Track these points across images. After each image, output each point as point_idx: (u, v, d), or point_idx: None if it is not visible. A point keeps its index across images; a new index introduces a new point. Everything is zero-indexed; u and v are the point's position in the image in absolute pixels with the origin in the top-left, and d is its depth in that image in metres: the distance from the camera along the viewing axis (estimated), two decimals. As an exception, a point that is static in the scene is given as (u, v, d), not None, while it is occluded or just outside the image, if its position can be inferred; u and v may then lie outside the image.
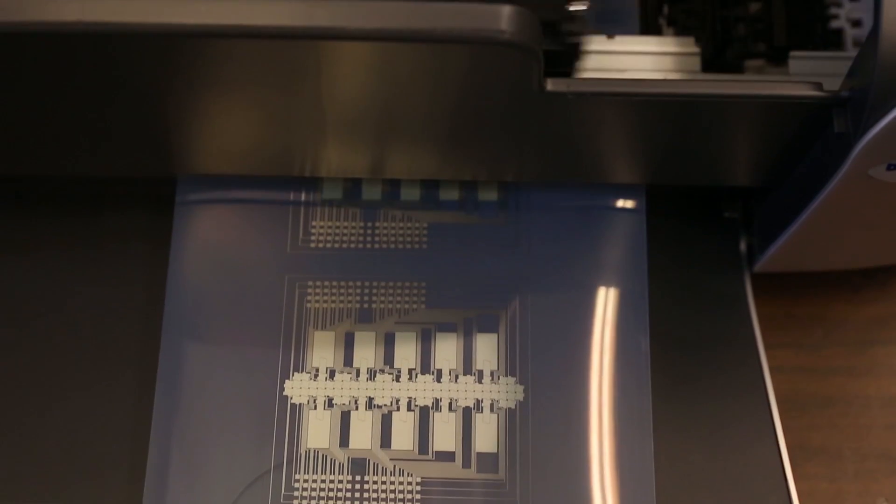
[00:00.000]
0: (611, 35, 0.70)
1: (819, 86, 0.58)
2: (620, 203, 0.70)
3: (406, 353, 0.68)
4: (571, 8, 0.56)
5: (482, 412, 0.67)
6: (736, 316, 0.71)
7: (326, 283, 0.69)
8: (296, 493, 0.66)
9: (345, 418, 0.67)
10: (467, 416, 0.67)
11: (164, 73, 0.58)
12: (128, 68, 0.57)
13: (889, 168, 0.58)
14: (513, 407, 0.67)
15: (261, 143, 0.65)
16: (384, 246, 0.70)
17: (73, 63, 0.57)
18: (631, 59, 0.70)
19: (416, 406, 0.67)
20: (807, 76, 0.68)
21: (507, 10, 0.53)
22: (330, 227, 0.70)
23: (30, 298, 0.70)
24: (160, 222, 0.70)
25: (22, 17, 0.53)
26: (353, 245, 0.70)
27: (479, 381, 0.68)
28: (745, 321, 0.71)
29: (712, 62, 0.71)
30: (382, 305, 0.69)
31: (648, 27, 0.72)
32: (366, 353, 0.68)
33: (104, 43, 0.55)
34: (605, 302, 0.69)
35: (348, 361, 0.68)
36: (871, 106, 0.54)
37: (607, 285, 0.69)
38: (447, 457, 0.67)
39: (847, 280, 0.75)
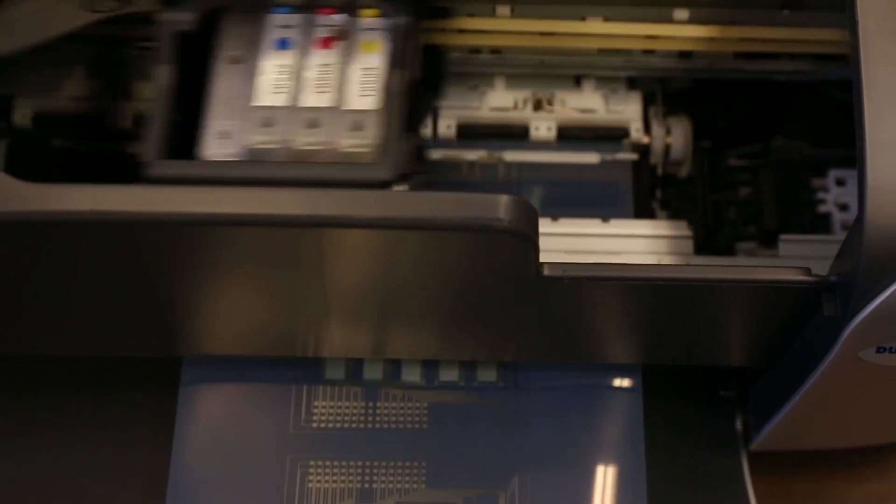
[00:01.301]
0: (605, 218, 0.72)
1: (808, 270, 0.59)
2: (617, 382, 0.71)
3: (406, 533, 0.68)
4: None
5: (482, 593, 0.67)
6: (733, 494, 0.72)
7: (328, 463, 0.69)
8: None
9: None
10: None
11: (171, 258, 0.59)
12: (135, 253, 0.59)
13: (879, 350, 0.59)
14: (513, 588, 0.67)
15: (265, 325, 0.66)
16: (385, 426, 0.70)
17: (82, 249, 0.58)
18: (625, 241, 0.71)
19: (416, 587, 0.67)
20: (796, 259, 0.70)
21: (504, 200, 0.55)
22: (332, 407, 0.71)
23: (31, 479, 0.70)
24: (164, 402, 0.71)
25: (35, 207, 0.55)
26: (354, 425, 0.70)
27: (480, 562, 0.68)
28: (742, 499, 0.71)
29: (705, 244, 0.73)
30: (383, 485, 0.69)
31: (642, 210, 0.74)
32: (366, 534, 0.68)
33: (114, 230, 0.56)
34: (604, 480, 0.70)
35: (349, 541, 0.68)
36: (859, 291, 0.56)
37: (605, 463, 0.70)
38: None
39: (844, 458, 0.75)
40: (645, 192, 0.75)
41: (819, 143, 0.75)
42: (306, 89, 0.59)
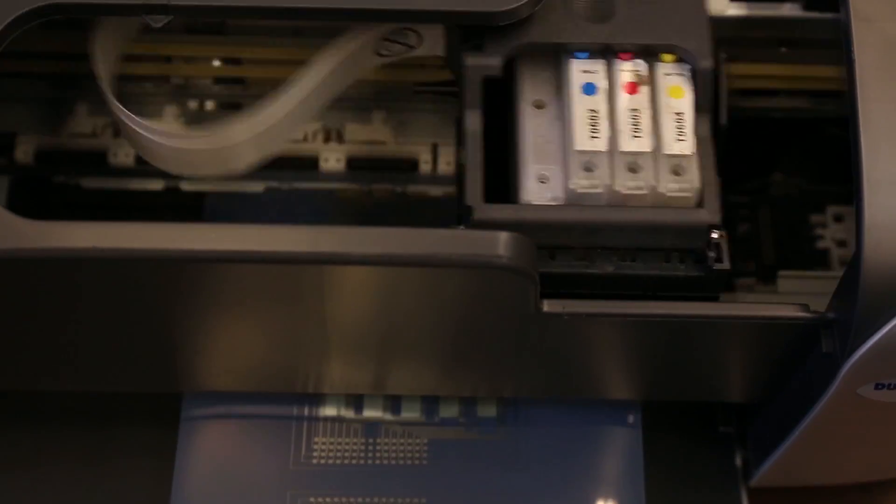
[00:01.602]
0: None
1: (806, 307, 0.59)
2: (617, 418, 0.71)
3: (407, 570, 0.68)
4: (713, 236, 0.59)
5: None
6: (734, 530, 0.72)
7: (328, 500, 0.69)
8: None
9: None
10: None
11: (172, 295, 0.60)
12: (137, 290, 0.59)
13: (877, 387, 0.59)
14: None
15: (265, 362, 0.67)
16: (385, 462, 0.70)
17: (84, 286, 0.59)
18: (625, 277, 0.72)
19: None
20: (795, 295, 0.70)
21: (503, 237, 0.56)
22: (332, 443, 0.71)
23: (33, 514, 0.70)
24: (164, 437, 0.71)
25: (37, 244, 0.55)
26: (354, 461, 0.70)
27: None
28: (743, 535, 0.71)
29: (704, 280, 0.73)
30: (384, 521, 0.69)
31: (642, 246, 0.75)
32: (367, 570, 0.68)
33: (116, 267, 0.57)
34: (604, 516, 0.70)
35: (349, 578, 0.68)
36: (857, 327, 0.56)
37: (605, 499, 0.70)
38: None
39: (844, 495, 0.75)
40: (644, 227, 0.75)
41: (817, 179, 0.75)
42: (622, 133, 0.59)
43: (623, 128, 0.60)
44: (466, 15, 0.58)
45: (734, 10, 0.66)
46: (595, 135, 0.59)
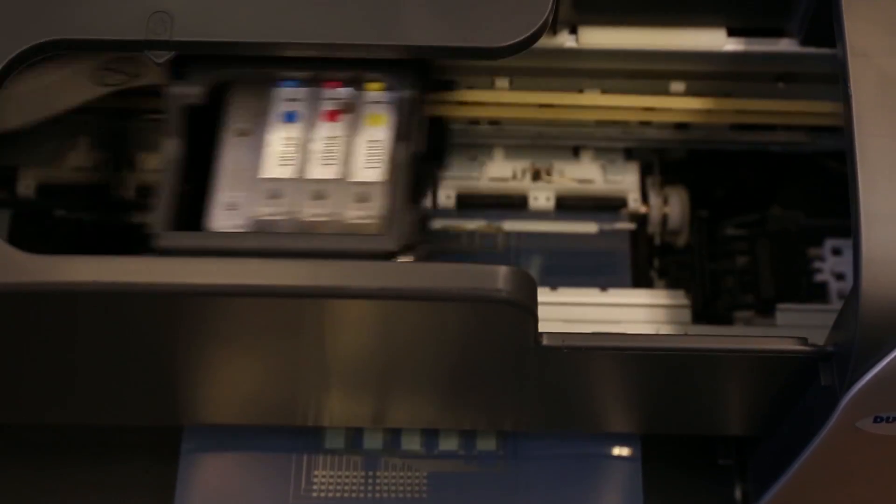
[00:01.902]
0: (604, 288, 0.73)
1: (805, 340, 0.59)
2: (616, 451, 0.71)
3: None
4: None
5: None
6: (734, 563, 0.72)
7: (328, 533, 0.70)
8: None
9: None
10: None
11: (172, 328, 0.60)
12: (138, 324, 0.59)
13: (876, 420, 0.59)
14: None
15: (265, 395, 0.67)
16: (385, 495, 0.70)
17: (84, 319, 0.59)
18: (624, 311, 0.72)
19: None
20: (794, 328, 0.70)
21: (503, 271, 0.56)
22: (332, 477, 0.71)
23: (32, 548, 0.70)
24: (165, 471, 0.71)
25: (38, 278, 0.55)
26: (354, 494, 0.70)
27: None
28: (742, 568, 0.71)
29: (703, 313, 0.73)
30: (383, 555, 0.69)
31: (640, 279, 0.75)
32: None
33: (117, 301, 0.57)
34: (604, 549, 0.70)
35: None
36: (855, 361, 0.56)
37: (605, 532, 0.70)
38: None
39: (842, 527, 0.75)
40: (643, 261, 0.75)
41: (815, 212, 0.75)
42: (313, 161, 0.60)
43: (314, 156, 0.60)
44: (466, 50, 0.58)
45: (731, 46, 0.67)
46: (285, 163, 0.60)
